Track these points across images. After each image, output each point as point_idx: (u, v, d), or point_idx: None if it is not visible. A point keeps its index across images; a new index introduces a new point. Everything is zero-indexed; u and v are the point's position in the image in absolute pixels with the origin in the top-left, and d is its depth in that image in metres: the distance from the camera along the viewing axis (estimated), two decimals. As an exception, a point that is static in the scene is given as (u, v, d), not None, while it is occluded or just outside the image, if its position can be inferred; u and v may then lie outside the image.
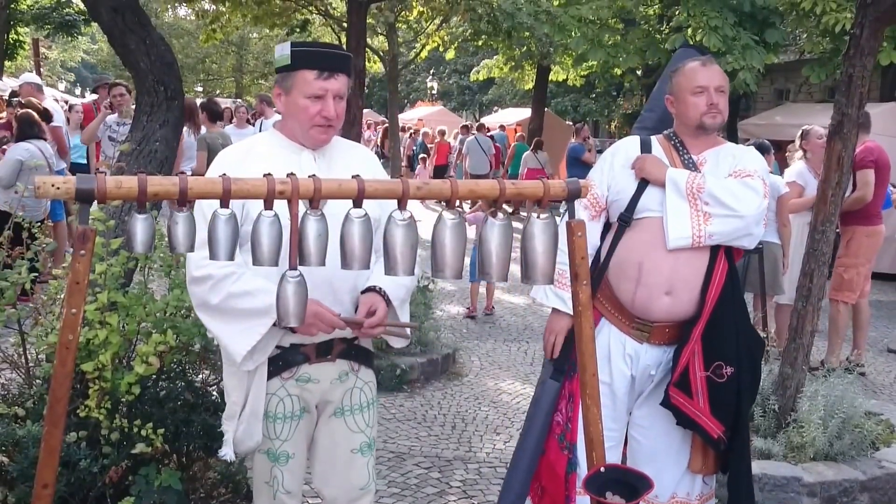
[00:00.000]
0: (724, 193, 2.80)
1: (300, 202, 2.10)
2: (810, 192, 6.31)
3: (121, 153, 4.24)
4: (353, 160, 2.63)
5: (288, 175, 2.12)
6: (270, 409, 2.53)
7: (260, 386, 2.49)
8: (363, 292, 2.55)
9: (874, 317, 7.94)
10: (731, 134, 18.73)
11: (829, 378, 4.47)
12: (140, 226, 2.06)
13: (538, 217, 2.27)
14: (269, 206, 2.10)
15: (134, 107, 6.04)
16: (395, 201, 2.11)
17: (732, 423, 2.86)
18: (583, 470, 2.91)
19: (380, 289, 2.54)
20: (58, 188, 1.97)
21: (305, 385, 2.54)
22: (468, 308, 8.04)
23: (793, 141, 7.11)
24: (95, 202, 1.99)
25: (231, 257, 2.10)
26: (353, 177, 2.14)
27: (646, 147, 3.03)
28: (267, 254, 2.11)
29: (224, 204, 2.08)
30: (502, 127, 22.00)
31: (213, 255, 2.09)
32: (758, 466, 4.00)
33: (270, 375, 2.50)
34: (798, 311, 4.42)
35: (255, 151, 2.56)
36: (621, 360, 2.95)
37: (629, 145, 3.09)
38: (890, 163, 6.43)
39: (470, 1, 12.44)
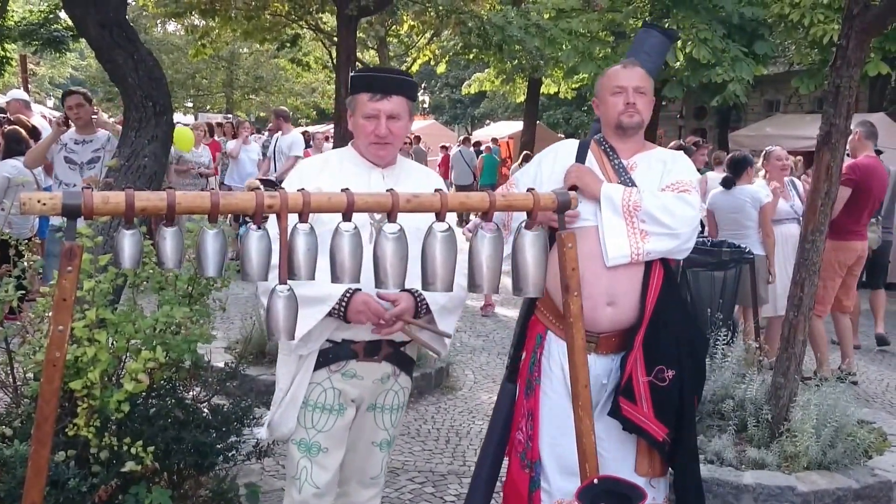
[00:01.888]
0: (661, 212, 2.80)
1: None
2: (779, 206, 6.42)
3: (109, 169, 4.22)
4: (420, 180, 2.79)
5: (277, 189, 2.14)
6: (312, 397, 2.68)
7: (305, 375, 2.67)
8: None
9: (864, 325, 7.96)
10: (723, 145, 18.84)
11: (821, 387, 4.47)
12: (128, 241, 2.06)
13: (528, 229, 2.28)
14: (257, 221, 2.09)
15: (95, 118, 6.02)
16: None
17: (676, 424, 2.87)
18: (552, 486, 2.92)
19: (415, 291, 2.61)
20: (44, 204, 1.97)
21: (350, 380, 2.69)
22: (482, 307, 8.37)
23: (789, 153, 7.16)
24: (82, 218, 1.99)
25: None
26: (342, 190, 2.15)
27: (583, 151, 3.02)
28: (256, 268, 2.11)
29: (212, 219, 2.08)
30: (494, 140, 22.06)
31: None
32: (752, 476, 4.00)
33: (319, 366, 2.67)
34: (790, 320, 4.42)
35: (329, 165, 2.79)
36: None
37: (564, 150, 3.08)
38: (885, 180, 6.47)
39: (460, 15, 12.48)
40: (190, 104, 33.46)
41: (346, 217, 2.13)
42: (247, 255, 2.10)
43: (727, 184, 6.36)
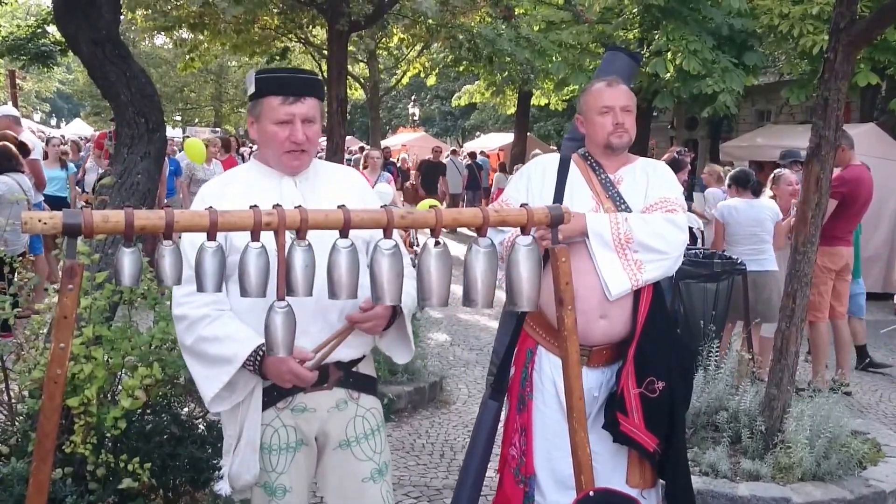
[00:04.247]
0: (653, 238, 2.82)
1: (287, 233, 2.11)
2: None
3: (102, 186, 4.22)
4: (338, 183, 2.60)
5: (274, 206, 2.14)
6: (265, 440, 2.46)
7: (254, 417, 2.42)
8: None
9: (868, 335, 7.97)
10: (714, 156, 18.95)
11: (815, 398, 4.49)
12: (127, 259, 2.06)
13: (521, 244, 2.29)
14: (255, 237, 2.10)
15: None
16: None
17: (667, 435, 2.89)
18: (547, 499, 2.93)
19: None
20: (45, 223, 1.97)
21: (301, 415, 2.48)
22: None
23: (774, 162, 7.21)
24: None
25: (218, 289, 2.10)
26: (338, 207, 2.16)
27: (564, 166, 3.03)
28: (255, 285, 2.11)
29: (211, 237, 2.09)
30: (482, 153, 22.20)
31: (200, 288, 2.09)
32: (747, 488, 4.01)
33: (265, 406, 2.44)
34: (782, 331, 4.45)
35: (235, 182, 2.54)
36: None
37: (547, 163, 3.09)
38: (871, 187, 6.52)
39: (450, 28, 12.54)
40: (178, 118, 33.44)
41: (343, 234, 2.14)
42: (245, 272, 2.10)
43: (756, 191, 6.39)
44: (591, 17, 14.40)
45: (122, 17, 17.59)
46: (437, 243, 2.18)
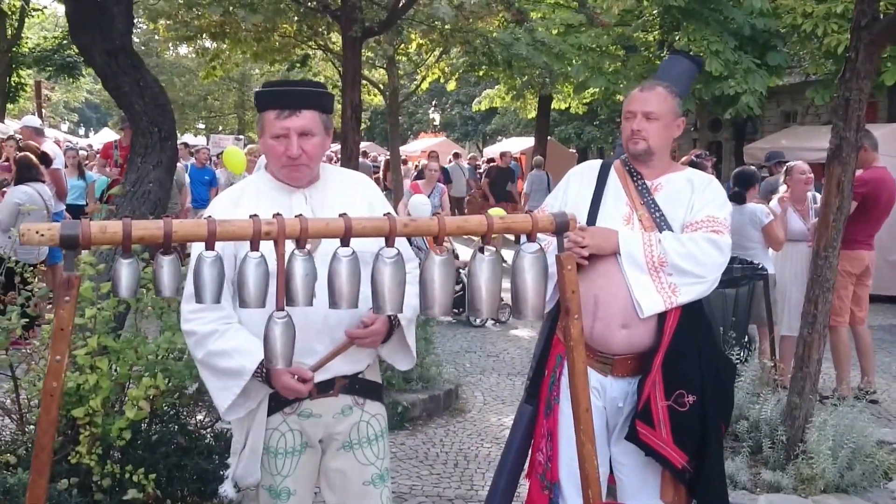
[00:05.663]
0: (688, 262, 2.74)
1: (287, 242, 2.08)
2: (794, 225, 6.35)
3: (112, 195, 4.23)
4: (349, 192, 2.60)
5: (274, 215, 2.10)
6: (272, 444, 2.52)
7: (259, 424, 2.49)
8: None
9: (887, 342, 7.84)
10: (738, 158, 18.74)
11: (838, 407, 4.39)
12: (125, 270, 2.03)
13: (526, 252, 2.24)
14: (255, 247, 2.07)
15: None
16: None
17: (697, 451, 2.80)
18: None
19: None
20: (42, 235, 1.95)
21: (307, 419, 2.52)
22: None
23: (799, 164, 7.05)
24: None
25: (216, 300, 2.07)
26: (339, 215, 2.12)
27: (605, 172, 3.00)
28: (254, 295, 2.08)
29: (209, 246, 2.05)
30: (514, 157, 22.03)
31: (198, 299, 2.07)
32: (767, 500, 3.93)
33: (272, 411, 2.50)
34: (804, 338, 4.35)
35: (247, 194, 2.56)
36: (590, 391, 2.89)
37: (589, 170, 3.07)
38: (894, 190, 6.37)
39: (465, 34, 12.50)
40: (202, 125, 33.71)
41: (344, 243, 2.10)
42: (244, 281, 2.07)
43: (737, 199, 6.27)
44: (605, 20, 14.27)
45: (145, 26, 17.69)
46: (441, 251, 2.14)
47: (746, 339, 5.62)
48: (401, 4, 10.16)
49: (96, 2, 4.16)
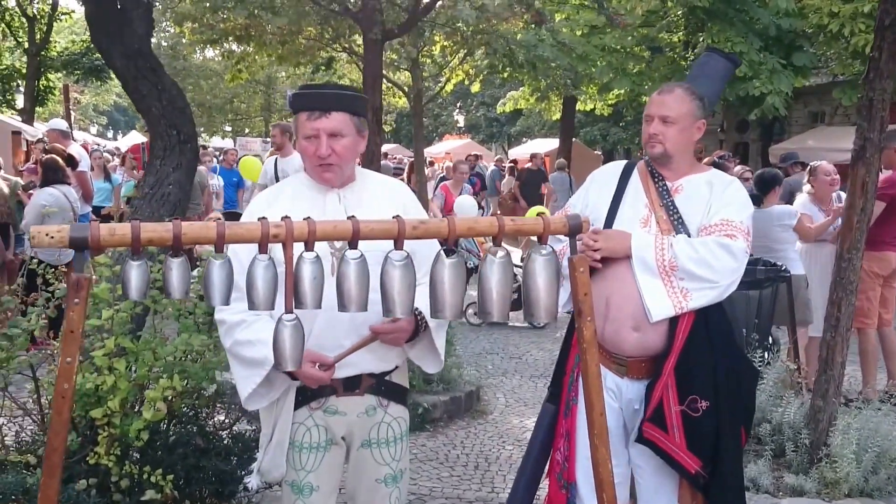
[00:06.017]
0: (700, 267, 2.71)
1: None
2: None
3: (128, 199, 4.27)
4: (384, 196, 2.65)
5: (282, 218, 2.11)
6: (297, 438, 2.56)
7: (286, 418, 2.54)
8: None
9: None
10: (764, 159, 18.54)
11: (863, 410, 4.32)
12: (134, 272, 2.05)
13: (539, 254, 2.22)
14: (263, 249, 2.07)
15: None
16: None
17: (711, 457, 2.76)
18: None
19: (417, 310, 2.49)
20: (52, 237, 1.96)
21: (332, 416, 2.57)
22: None
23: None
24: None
25: (225, 302, 2.09)
26: (348, 217, 2.12)
27: (627, 173, 3.00)
28: (262, 297, 2.08)
29: (218, 249, 2.06)
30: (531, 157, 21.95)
31: (208, 301, 2.09)
32: (789, 504, 3.87)
33: (299, 405, 2.55)
34: (827, 341, 4.29)
35: (284, 193, 2.64)
36: (606, 393, 2.87)
37: (610, 171, 3.07)
38: None
39: (485, 35, 12.48)
40: (229, 128, 33.95)
41: (352, 245, 2.10)
42: (253, 284, 2.08)
43: (755, 201, 6.17)
44: (625, 20, 14.18)
45: (173, 30, 17.84)
46: (449, 253, 2.13)
47: (771, 342, 5.56)
48: (421, 7, 10.17)
49: (116, 5, 4.20)
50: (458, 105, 37.73)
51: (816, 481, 4.05)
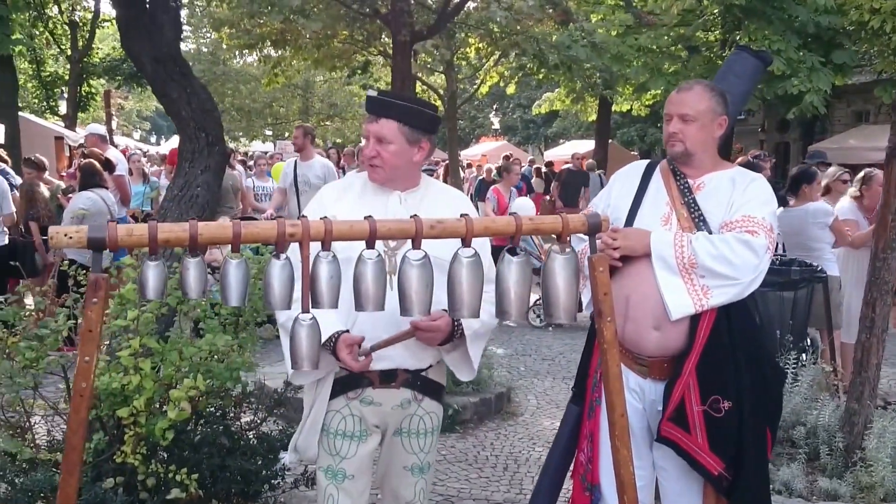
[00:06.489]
0: (720, 264, 2.66)
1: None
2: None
3: (151, 201, 4.33)
4: (444, 202, 2.70)
5: (299, 217, 2.12)
6: (333, 425, 2.65)
7: (322, 401, 2.64)
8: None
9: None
10: (804, 159, 18.25)
11: (899, 413, 4.22)
12: (151, 272, 2.07)
13: (558, 253, 2.20)
14: (280, 249, 2.08)
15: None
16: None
17: (735, 459, 2.71)
18: None
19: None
20: (70, 237, 1.99)
21: (368, 407, 2.64)
22: None
23: (869, 165, 6.79)
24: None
25: (241, 302, 2.10)
26: (365, 217, 2.12)
27: (649, 172, 2.98)
28: (278, 297, 2.09)
29: (235, 248, 2.08)
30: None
31: (224, 300, 2.09)
32: (823, 509, 3.79)
33: (336, 394, 2.64)
34: (862, 343, 4.20)
35: (352, 189, 2.74)
36: (629, 393, 2.83)
37: (634, 170, 3.05)
38: None
39: (514, 36, 12.45)
40: (269, 132, 34.29)
41: (370, 245, 2.10)
42: (269, 283, 2.09)
43: (782, 202, 6.03)
44: (654, 19, 14.02)
45: (211, 35, 17.99)
46: (513, 253, 2.13)
47: (808, 343, 5.45)
48: (450, 8, 10.17)
49: (146, 10, 4.25)
50: (495, 107, 37.68)
51: (851, 485, 3.95)
